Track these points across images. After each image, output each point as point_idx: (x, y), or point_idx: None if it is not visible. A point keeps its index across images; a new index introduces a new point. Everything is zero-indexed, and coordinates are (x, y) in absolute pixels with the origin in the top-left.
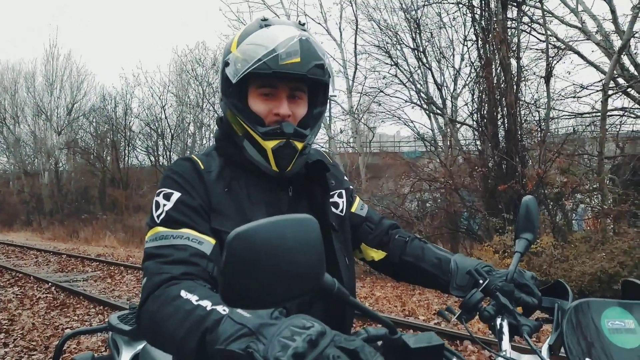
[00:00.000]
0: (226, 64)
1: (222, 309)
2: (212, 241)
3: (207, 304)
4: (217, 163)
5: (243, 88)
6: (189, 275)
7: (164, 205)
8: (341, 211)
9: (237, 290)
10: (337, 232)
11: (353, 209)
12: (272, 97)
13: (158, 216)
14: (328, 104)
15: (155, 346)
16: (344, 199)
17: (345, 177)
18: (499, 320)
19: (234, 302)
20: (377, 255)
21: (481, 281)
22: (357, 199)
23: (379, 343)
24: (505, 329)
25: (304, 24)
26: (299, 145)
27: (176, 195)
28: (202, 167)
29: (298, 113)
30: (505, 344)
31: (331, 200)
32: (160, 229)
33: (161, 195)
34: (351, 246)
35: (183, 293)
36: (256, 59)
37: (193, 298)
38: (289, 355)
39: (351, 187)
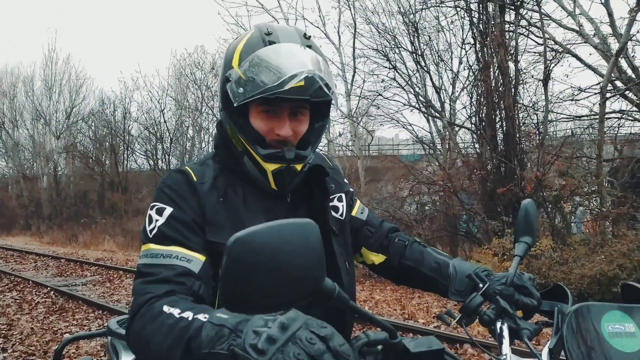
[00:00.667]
0: (227, 79)
1: (203, 317)
2: (202, 258)
3: (189, 314)
4: (212, 172)
5: (244, 105)
6: (172, 294)
7: (157, 220)
8: (341, 215)
9: (238, 294)
10: (337, 236)
11: (353, 213)
12: (274, 115)
13: (150, 231)
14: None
15: None
16: (344, 203)
17: (345, 180)
18: (499, 324)
19: (235, 306)
20: (377, 258)
21: (481, 285)
22: (358, 203)
23: (380, 347)
24: (506, 333)
25: (309, 37)
26: (299, 167)
27: (168, 210)
28: (194, 179)
29: (299, 130)
30: (506, 347)
31: (331, 204)
32: (152, 245)
33: (154, 209)
34: (352, 250)
35: (165, 308)
36: (261, 90)
37: (175, 311)
38: (263, 340)
39: (351, 190)
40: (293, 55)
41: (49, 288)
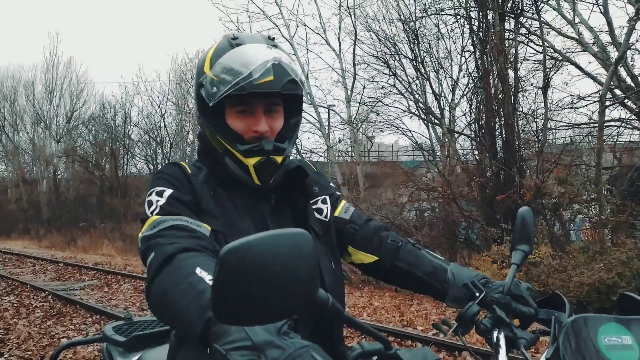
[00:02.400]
0: (200, 85)
1: None
2: (209, 227)
3: None
4: (204, 172)
5: (219, 107)
6: (201, 247)
7: (157, 201)
8: (325, 217)
9: (230, 306)
10: (320, 237)
11: (336, 213)
12: (249, 114)
13: (152, 211)
14: (327, 114)
15: (162, 320)
16: (328, 205)
17: (332, 184)
18: (495, 333)
19: (227, 318)
20: (366, 258)
21: (477, 294)
22: (342, 203)
23: (374, 358)
24: (502, 342)
25: (273, 39)
26: (279, 159)
27: (168, 191)
28: (189, 171)
29: (275, 126)
30: (502, 356)
31: (315, 206)
32: (157, 217)
33: (153, 193)
34: (337, 251)
35: (198, 270)
36: (232, 84)
37: (207, 277)
38: None
39: (337, 192)
40: (259, 51)
41: (46, 292)
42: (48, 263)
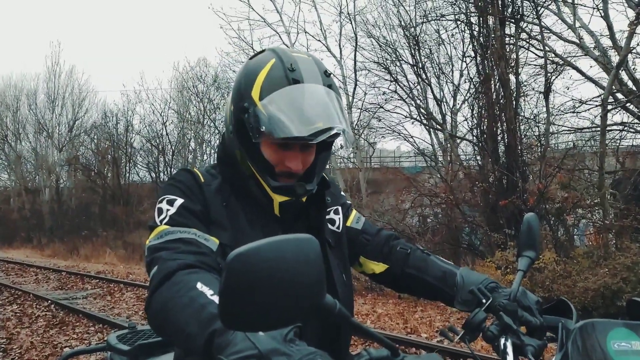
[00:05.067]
0: (244, 110)
1: None
2: (217, 241)
3: None
4: (218, 179)
5: None
6: (203, 264)
7: (168, 210)
8: (337, 227)
9: (236, 311)
10: (333, 248)
11: (348, 223)
12: (286, 149)
13: (162, 220)
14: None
15: (162, 335)
16: (340, 215)
17: (342, 194)
18: (502, 340)
19: (234, 323)
20: (377, 267)
21: (484, 300)
22: (354, 213)
23: None
24: (509, 349)
25: (329, 75)
26: (304, 198)
27: (179, 201)
28: (202, 179)
29: (308, 162)
30: None
31: (327, 217)
32: (166, 227)
33: (164, 201)
34: (349, 262)
35: (199, 285)
36: (286, 135)
37: (208, 292)
38: None
39: (348, 202)
40: (319, 103)
41: (49, 301)
42: (50, 272)
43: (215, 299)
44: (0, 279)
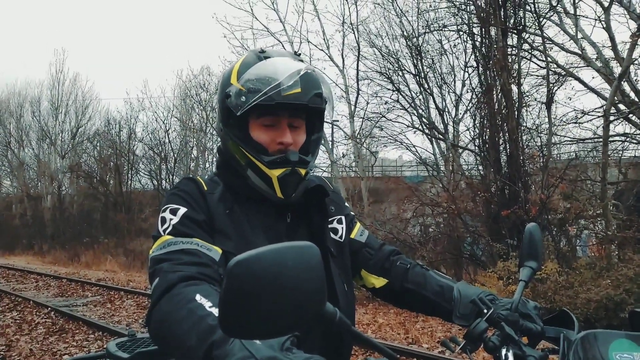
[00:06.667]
0: (227, 95)
1: None
2: (220, 250)
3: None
4: (220, 187)
5: (244, 119)
6: (204, 276)
7: (171, 219)
8: (340, 237)
9: (237, 319)
10: (335, 257)
11: (352, 235)
12: (274, 127)
13: (165, 230)
14: (330, 128)
15: (164, 348)
16: (344, 225)
17: (346, 204)
18: (504, 351)
19: (234, 331)
20: (378, 282)
21: (485, 310)
22: (358, 225)
23: None
24: None
25: (299, 54)
26: (303, 171)
27: (182, 210)
28: (205, 188)
29: (299, 140)
30: None
31: (330, 226)
32: (169, 237)
33: (167, 210)
34: (350, 272)
35: (198, 297)
36: (262, 92)
37: (207, 304)
38: None
39: (351, 213)
40: (288, 63)
41: (49, 308)
42: (51, 279)
43: (214, 310)
44: (1, 285)
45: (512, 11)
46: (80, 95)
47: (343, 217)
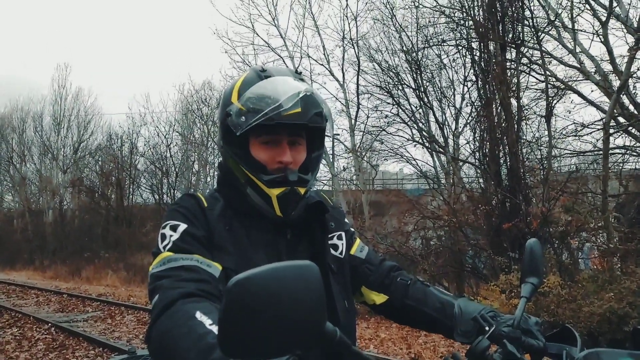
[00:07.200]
0: (227, 114)
1: None
2: (219, 267)
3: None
4: (220, 203)
5: (244, 137)
6: (204, 293)
7: (171, 236)
8: (340, 253)
9: (236, 339)
10: (335, 274)
11: (352, 251)
12: (274, 145)
13: (165, 246)
14: (332, 143)
15: None
16: (344, 241)
17: (346, 220)
18: None
19: (233, 351)
20: (378, 298)
21: (487, 328)
22: (357, 241)
23: None
24: None
25: (300, 72)
26: (302, 190)
27: (182, 226)
28: (205, 204)
29: (298, 159)
30: None
31: (330, 242)
32: (169, 254)
33: (167, 227)
34: (351, 289)
35: (198, 314)
36: (262, 113)
37: (207, 321)
38: None
39: (352, 229)
40: (288, 83)
41: (49, 324)
42: (52, 294)
43: (214, 328)
44: (1, 301)
45: (510, 26)
46: (83, 111)
47: (343, 233)
